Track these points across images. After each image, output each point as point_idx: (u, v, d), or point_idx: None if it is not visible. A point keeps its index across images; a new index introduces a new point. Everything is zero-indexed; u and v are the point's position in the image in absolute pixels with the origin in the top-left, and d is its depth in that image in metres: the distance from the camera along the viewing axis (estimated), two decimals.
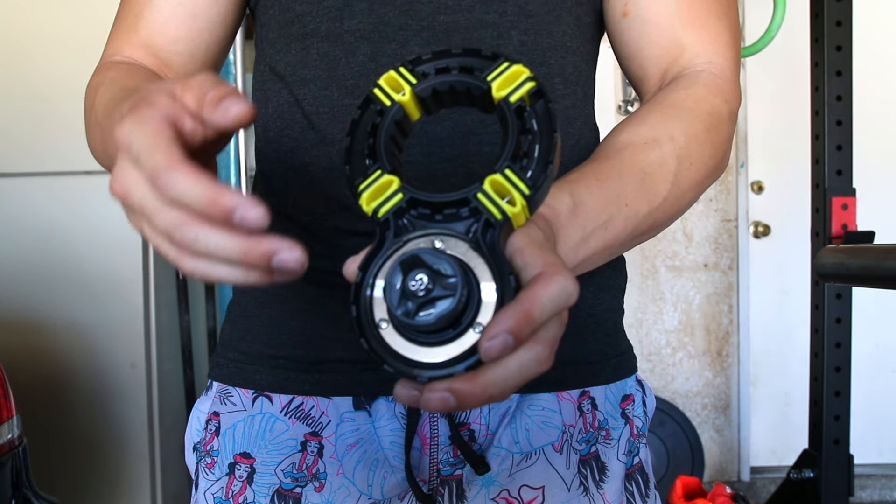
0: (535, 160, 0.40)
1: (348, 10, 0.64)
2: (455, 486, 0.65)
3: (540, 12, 0.65)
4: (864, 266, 0.64)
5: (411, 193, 0.41)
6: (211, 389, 0.71)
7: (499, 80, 0.41)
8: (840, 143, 2.03)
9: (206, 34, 0.71)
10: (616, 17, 0.68)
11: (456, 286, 0.37)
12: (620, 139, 0.60)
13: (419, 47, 0.63)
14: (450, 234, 0.40)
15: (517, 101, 0.40)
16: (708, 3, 0.66)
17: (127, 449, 2.07)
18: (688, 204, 0.62)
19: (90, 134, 0.65)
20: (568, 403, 0.67)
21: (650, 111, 0.62)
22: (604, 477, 0.67)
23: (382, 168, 0.41)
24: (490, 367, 0.37)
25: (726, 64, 0.66)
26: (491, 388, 0.37)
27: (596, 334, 0.69)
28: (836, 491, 2.04)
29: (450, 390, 0.37)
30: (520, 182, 0.39)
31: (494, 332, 0.36)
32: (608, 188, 0.55)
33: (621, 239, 0.57)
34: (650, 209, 0.57)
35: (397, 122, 0.42)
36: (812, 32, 2.09)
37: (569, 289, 0.39)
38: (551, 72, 0.66)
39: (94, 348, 2.04)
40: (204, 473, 0.68)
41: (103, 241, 2.02)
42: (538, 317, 0.37)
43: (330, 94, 0.64)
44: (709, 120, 0.62)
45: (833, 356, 2.04)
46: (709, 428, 3.12)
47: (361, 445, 0.65)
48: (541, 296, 0.38)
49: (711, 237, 3.09)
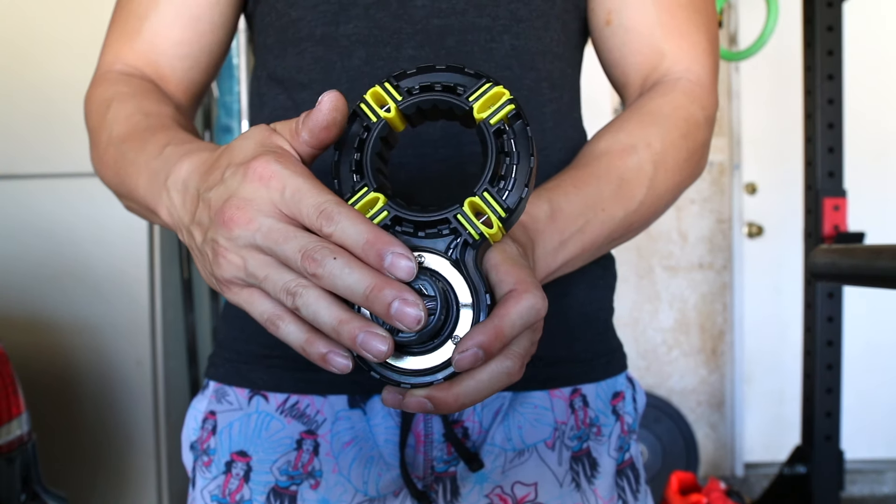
0: (513, 182, 0.42)
1: (343, 14, 0.64)
2: (449, 482, 0.65)
3: (529, 18, 0.66)
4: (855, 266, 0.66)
5: (395, 212, 0.42)
6: (207, 389, 0.71)
7: (480, 102, 0.42)
8: (832, 146, 2.05)
9: (208, 36, 0.71)
10: (600, 25, 0.70)
11: (435, 307, 0.40)
12: (599, 146, 0.62)
13: (413, 50, 0.64)
14: (432, 251, 0.42)
15: (497, 123, 0.42)
16: (688, 13, 0.67)
17: (132, 444, 2.07)
18: (664, 207, 0.64)
19: (101, 154, 0.64)
20: (560, 401, 0.67)
21: (628, 118, 0.64)
22: (595, 473, 0.67)
23: (368, 185, 0.43)
24: (463, 379, 0.42)
25: (704, 71, 0.67)
26: (463, 397, 0.42)
27: (587, 333, 0.69)
28: (828, 485, 2.05)
29: (427, 397, 0.42)
30: (496, 205, 0.42)
31: (466, 346, 0.40)
32: (585, 194, 0.58)
33: (598, 242, 0.59)
34: (626, 213, 0.60)
35: (383, 138, 0.44)
36: (804, 37, 2.10)
37: (537, 305, 0.42)
38: (539, 76, 0.67)
39: (100, 346, 2.05)
40: (201, 472, 0.68)
41: (110, 241, 2.02)
42: (508, 332, 0.41)
43: None
44: (685, 126, 0.64)
45: (825, 354, 2.05)
46: (703, 424, 3.12)
47: (357, 443, 0.65)
48: (511, 313, 0.41)
49: (706, 237, 3.10)
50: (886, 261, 0.66)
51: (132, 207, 0.63)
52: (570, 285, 0.67)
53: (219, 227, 0.42)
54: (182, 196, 0.49)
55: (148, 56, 0.70)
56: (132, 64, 0.70)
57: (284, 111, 0.67)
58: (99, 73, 0.70)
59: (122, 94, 0.65)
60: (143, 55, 0.70)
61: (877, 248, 0.68)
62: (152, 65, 0.70)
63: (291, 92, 0.67)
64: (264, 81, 0.70)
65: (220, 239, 0.43)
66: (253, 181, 0.41)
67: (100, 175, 0.66)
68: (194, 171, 0.48)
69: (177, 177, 0.50)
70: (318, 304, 0.40)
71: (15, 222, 2.04)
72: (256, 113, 0.71)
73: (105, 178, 0.65)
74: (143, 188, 0.56)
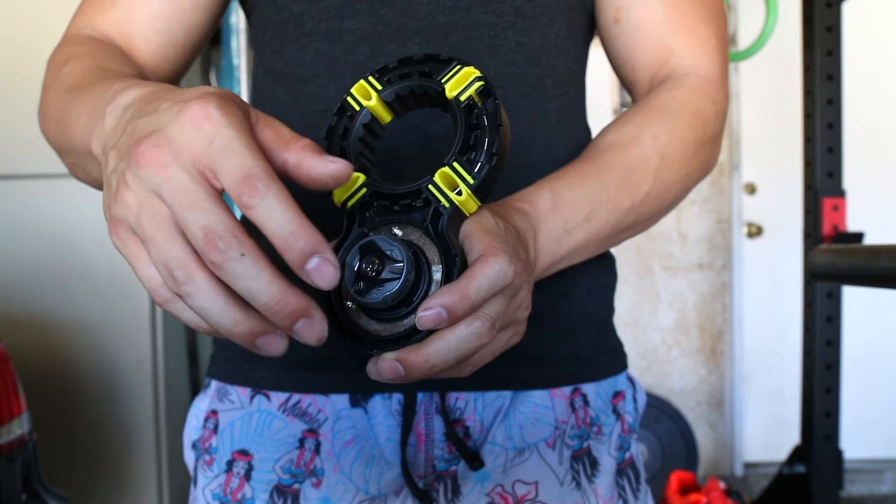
0: (483, 153, 0.44)
1: (348, 9, 0.64)
2: (450, 481, 0.65)
3: (534, 14, 0.66)
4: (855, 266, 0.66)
5: (374, 188, 0.45)
6: (209, 387, 0.71)
7: (451, 82, 0.45)
8: (831, 146, 2.05)
9: (189, 14, 0.69)
10: (608, 23, 0.70)
11: (402, 270, 0.41)
12: (606, 140, 0.62)
13: (418, 47, 0.64)
14: (407, 223, 0.45)
15: (466, 99, 0.44)
16: (696, 9, 0.67)
17: (133, 444, 2.07)
18: (673, 199, 0.65)
19: (48, 105, 0.60)
20: (560, 400, 0.67)
21: (635, 112, 0.64)
22: (596, 472, 0.67)
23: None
24: (432, 339, 0.41)
25: (712, 66, 0.67)
26: (433, 357, 0.41)
27: (588, 333, 0.69)
28: (827, 485, 2.05)
29: (398, 360, 0.41)
30: (466, 174, 0.44)
31: (429, 305, 0.40)
32: (590, 184, 0.58)
33: (605, 232, 0.59)
34: (633, 204, 0.60)
35: (366, 125, 0.47)
36: (803, 38, 2.10)
37: (504, 269, 0.42)
38: (543, 73, 0.67)
39: (101, 346, 2.04)
40: (202, 471, 0.68)
41: (110, 241, 2.01)
42: (474, 294, 0.41)
43: (328, 92, 0.65)
44: (693, 120, 0.64)
45: (824, 354, 2.06)
46: (703, 424, 3.13)
47: (358, 442, 0.65)
48: (477, 275, 0.41)
49: (706, 237, 3.10)
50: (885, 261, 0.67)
51: (74, 166, 0.59)
52: (570, 285, 0.67)
53: (130, 158, 0.37)
54: (115, 120, 0.43)
55: (122, 25, 0.67)
56: (103, 31, 0.68)
57: (285, 106, 0.67)
58: (65, 36, 0.68)
59: (83, 52, 0.62)
60: (117, 24, 0.67)
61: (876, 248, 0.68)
62: (124, 34, 0.67)
63: (292, 87, 0.66)
64: (262, 77, 0.69)
65: (128, 173, 0.38)
66: (183, 120, 0.37)
67: (43, 130, 0.61)
68: (138, 99, 0.43)
69: (118, 102, 0.44)
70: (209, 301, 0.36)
71: (15, 222, 2.04)
72: (258, 108, 0.71)
73: (47, 131, 0.60)
74: (82, 127, 0.50)
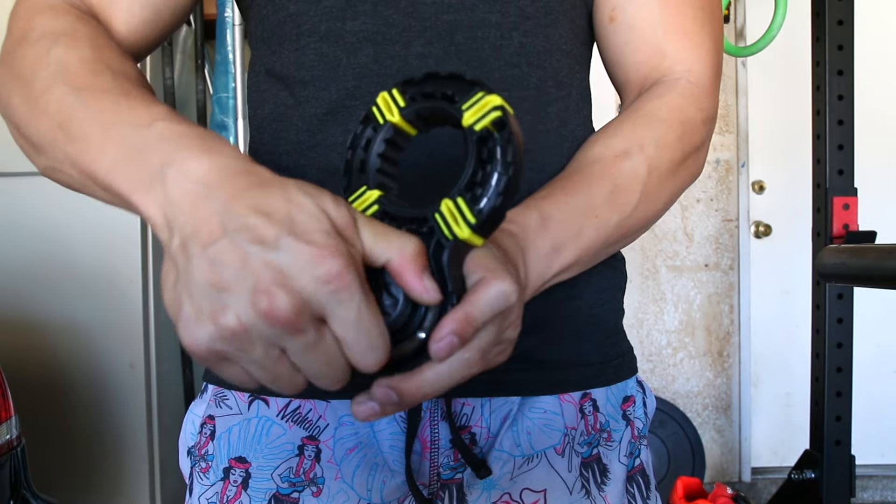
0: (490, 189, 0.42)
1: (350, 10, 0.63)
2: (456, 489, 0.64)
3: (537, 14, 0.66)
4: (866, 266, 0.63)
5: (384, 207, 0.46)
6: (206, 392, 0.70)
7: (471, 110, 0.43)
8: (841, 143, 2.03)
9: None
10: (604, 22, 0.69)
11: (396, 303, 0.42)
12: (593, 152, 0.62)
13: (422, 48, 0.63)
14: None
15: (481, 130, 0.43)
16: (693, 12, 0.67)
17: (125, 449, 2.06)
18: (661, 210, 0.64)
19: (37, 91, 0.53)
20: (570, 405, 0.66)
21: (622, 121, 0.64)
22: (605, 479, 0.67)
23: (368, 184, 0.47)
24: (424, 369, 0.43)
25: (704, 72, 0.67)
26: (426, 386, 0.43)
27: (597, 336, 0.69)
28: (838, 491, 2.03)
29: (391, 387, 0.43)
30: (468, 212, 0.43)
31: (441, 335, 0.41)
32: (577, 201, 0.58)
33: (595, 248, 0.59)
34: (621, 218, 0.60)
35: (388, 140, 0.47)
36: (813, 31, 2.08)
37: (506, 291, 0.43)
38: (546, 75, 0.66)
39: (93, 348, 2.04)
40: (198, 478, 0.67)
41: (102, 241, 2.01)
42: (479, 317, 0.42)
43: (329, 94, 0.63)
44: (681, 129, 0.63)
45: (834, 357, 2.04)
46: (710, 428, 3.12)
47: (360, 449, 0.64)
48: (480, 299, 0.42)
49: (712, 237, 3.10)
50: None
51: (59, 172, 0.54)
52: (578, 287, 0.67)
53: (250, 305, 0.37)
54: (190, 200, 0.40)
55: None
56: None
57: (286, 108, 0.66)
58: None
59: (76, 32, 0.56)
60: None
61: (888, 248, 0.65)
62: (103, 3, 0.63)
63: (293, 88, 0.65)
64: (263, 77, 0.68)
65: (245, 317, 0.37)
66: (318, 276, 0.37)
67: (18, 116, 0.55)
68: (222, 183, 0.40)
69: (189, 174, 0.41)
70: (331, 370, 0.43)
71: (5, 221, 2.03)
72: (256, 109, 0.70)
73: (31, 123, 0.54)
74: (113, 161, 0.46)
